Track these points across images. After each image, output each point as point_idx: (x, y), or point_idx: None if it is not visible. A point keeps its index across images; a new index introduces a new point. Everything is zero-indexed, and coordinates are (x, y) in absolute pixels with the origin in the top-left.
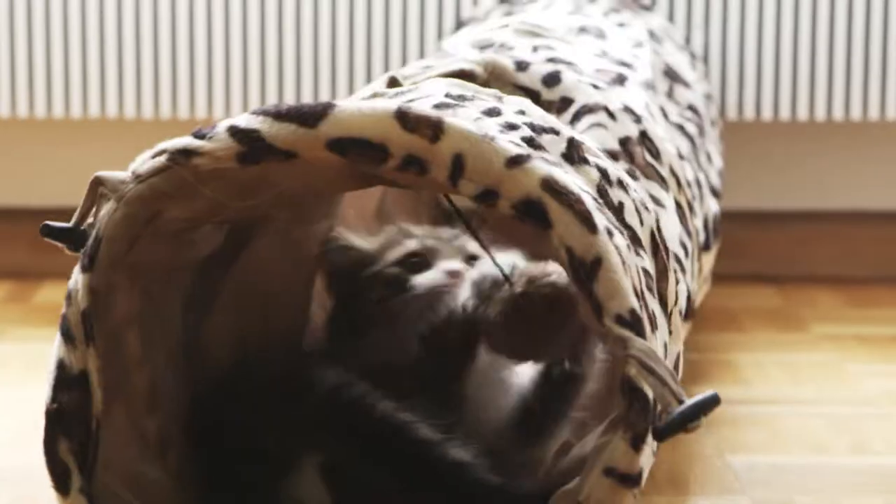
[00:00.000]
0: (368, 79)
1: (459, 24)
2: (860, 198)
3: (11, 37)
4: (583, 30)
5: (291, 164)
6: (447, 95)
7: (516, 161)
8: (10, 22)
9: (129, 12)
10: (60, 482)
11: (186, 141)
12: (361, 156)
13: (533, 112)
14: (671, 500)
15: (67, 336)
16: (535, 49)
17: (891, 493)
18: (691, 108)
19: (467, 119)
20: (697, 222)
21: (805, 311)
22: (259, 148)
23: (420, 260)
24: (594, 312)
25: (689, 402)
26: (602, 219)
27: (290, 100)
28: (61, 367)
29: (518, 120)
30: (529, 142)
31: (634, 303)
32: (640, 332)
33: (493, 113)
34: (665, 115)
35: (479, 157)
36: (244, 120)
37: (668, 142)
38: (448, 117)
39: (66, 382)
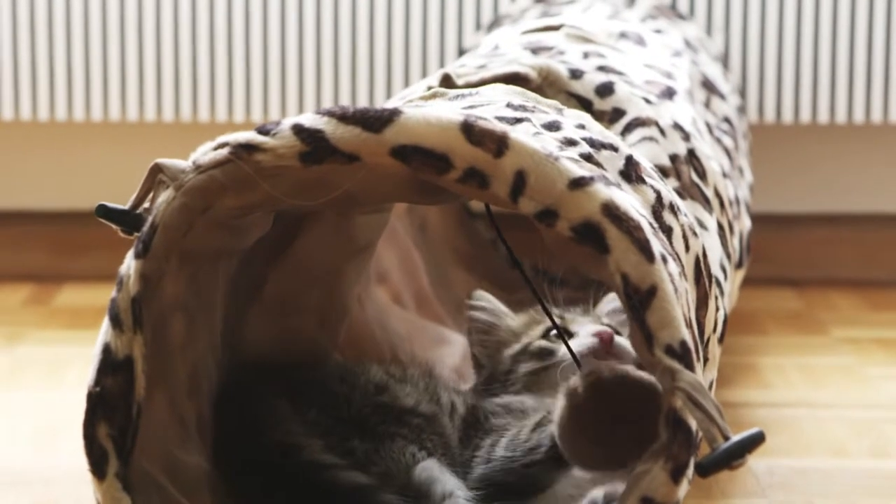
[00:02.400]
0: (407, 73)
1: (495, 21)
2: (880, 201)
3: (32, 42)
4: (623, 35)
5: (353, 168)
6: (508, 105)
7: (579, 183)
8: (32, 26)
9: (150, 17)
10: (97, 466)
11: (250, 136)
12: (424, 164)
13: (592, 127)
14: (691, 503)
15: (115, 321)
16: (585, 55)
17: None
18: (727, 120)
19: (527, 133)
20: (734, 241)
21: (825, 315)
22: (322, 148)
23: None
24: (645, 341)
25: (734, 438)
26: (658, 246)
27: (328, 96)
28: (107, 351)
29: (577, 135)
30: (588, 158)
31: (686, 334)
32: (690, 365)
33: (553, 126)
34: (710, 130)
35: (542, 176)
36: (309, 119)
37: (714, 160)
38: (513, 133)
39: (111, 367)
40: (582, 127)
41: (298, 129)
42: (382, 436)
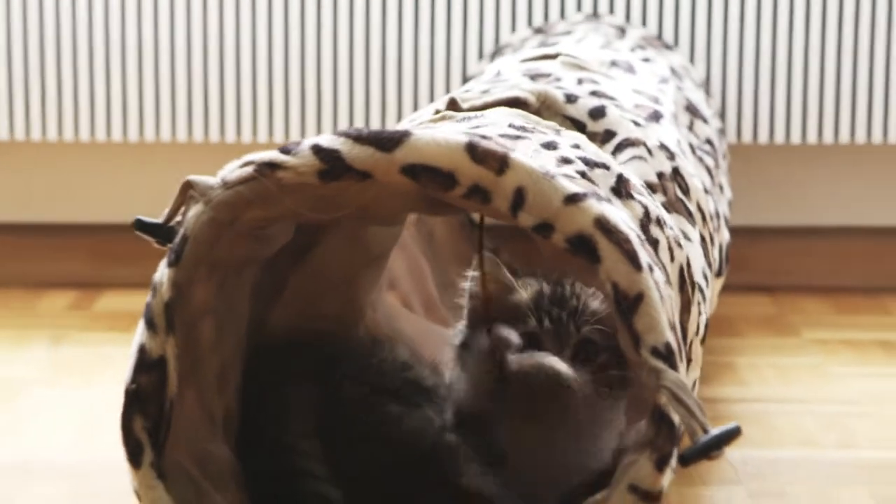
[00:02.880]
0: (415, 97)
1: (497, 50)
2: (847, 215)
3: (74, 67)
4: (614, 63)
5: (366, 185)
6: (510, 125)
7: (573, 199)
8: (74, 53)
9: (181, 50)
10: (134, 456)
11: (273, 155)
12: (431, 182)
13: (587, 147)
14: (676, 491)
15: (150, 324)
16: (580, 81)
17: (874, 483)
18: (708, 141)
19: (527, 151)
20: (715, 252)
21: (796, 318)
22: (339, 167)
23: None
24: (633, 343)
25: (713, 432)
26: (646, 256)
27: (343, 118)
28: (142, 351)
29: (573, 154)
30: (582, 175)
31: (670, 337)
32: (673, 365)
33: (550, 146)
34: (693, 150)
35: (540, 193)
36: (327, 140)
37: (696, 177)
38: (513, 153)
39: (146, 366)
40: (577, 147)
41: (317, 149)
42: (412, 405)
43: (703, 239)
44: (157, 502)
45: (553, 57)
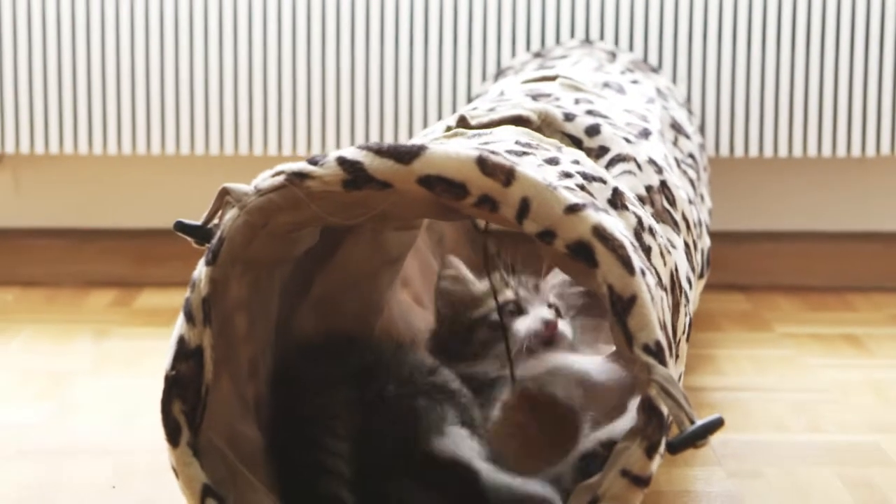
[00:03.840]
0: (425, 113)
1: (499, 72)
2: (815, 220)
3: (118, 82)
4: (606, 85)
5: (386, 193)
6: (517, 143)
7: (573, 209)
8: (118, 68)
9: (214, 71)
10: (172, 436)
11: (302, 165)
12: (445, 191)
13: (585, 163)
14: (663, 472)
15: (189, 316)
16: (577, 101)
17: (840, 464)
18: (691, 156)
19: (531, 166)
20: (697, 256)
21: (770, 314)
22: (361, 177)
23: (513, 308)
24: (626, 341)
25: (699, 422)
26: (639, 261)
27: (360, 133)
28: (181, 341)
29: (573, 169)
30: (581, 188)
31: (660, 335)
32: (663, 361)
33: (553, 161)
34: (678, 164)
35: (543, 203)
36: (351, 153)
37: (682, 189)
38: (519, 166)
39: (185, 355)
40: (577, 162)
41: (342, 161)
42: (441, 405)
43: (686, 246)
44: (193, 477)
45: (552, 79)
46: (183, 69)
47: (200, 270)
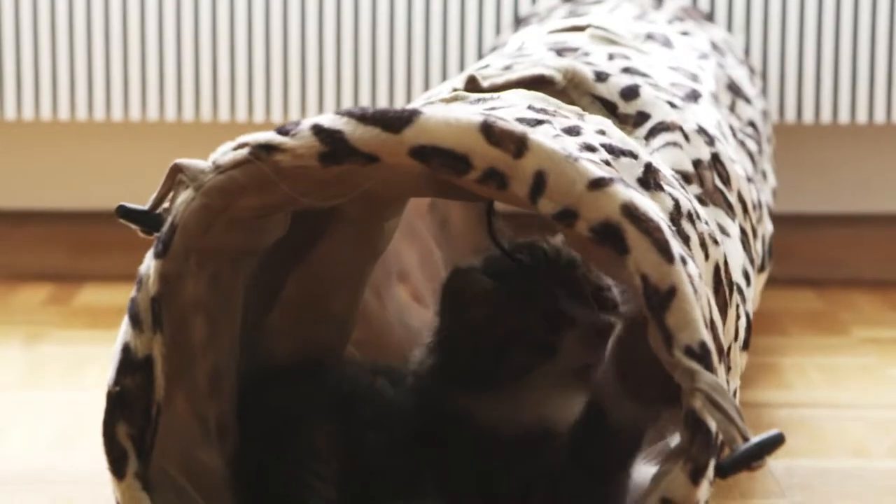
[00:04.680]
0: (427, 73)
1: (520, 20)
2: None
3: (53, 41)
4: (649, 37)
5: (372, 168)
6: (529, 108)
7: (598, 184)
8: (52, 26)
9: (170, 17)
10: (116, 466)
11: (269, 136)
12: (443, 165)
13: (613, 133)
14: None
15: (135, 321)
16: (610, 57)
17: None
18: (751, 124)
19: (547, 136)
20: (757, 245)
21: (846, 315)
22: (341, 149)
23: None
24: (664, 342)
25: (754, 440)
26: (678, 247)
27: (347, 96)
28: (126, 350)
29: (597, 141)
30: (606, 164)
31: (705, 335)
32: (709, 366)
33: (573, 131)
34: (733, 133)
35: (562, 177)
36: (328, 119)
37: (738, 164)
38: (532, 134)
39: (130, 366)
40: (602, 133)
41: (318, 130)
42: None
43: (743, 232)
44: None
45: (582, 29)
46: (132, 17)
47: (148, 265)
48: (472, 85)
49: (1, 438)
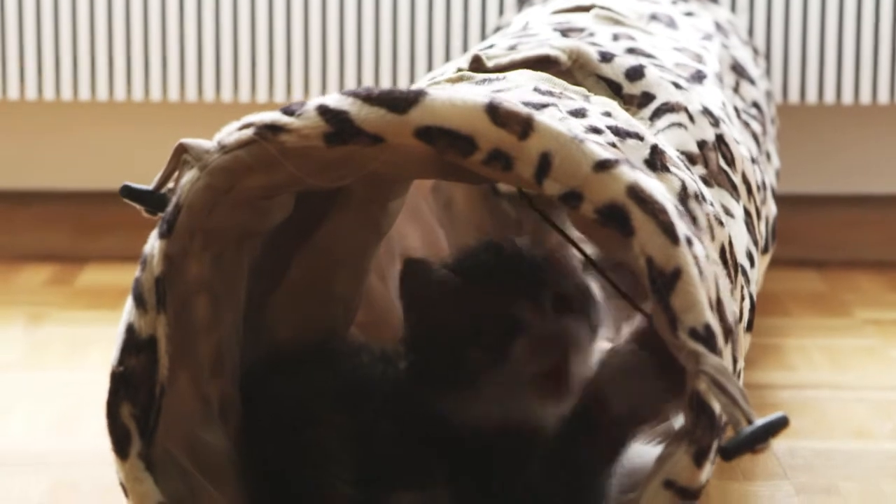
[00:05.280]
0: (430, 53)
1: (522, 1)
2: None
3: (56, 20)
4: (654, 17)
5: (377, 149)
6: (536, 90)
7: (604, 165)
8: (55, 5)
9: None
10: (120, 446)
11: (275, 116)
12: (449, 146)
13: (619, 115)
14: (716, 486)
15: (139, 301)
16: (615, 37)
17: None
18: (755, 105)
19: (553, 118)
20: (761, 226)
21: (849, 296)
22: (347, 130)
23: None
24: (669, 324)
25: (758, 422)
26: (684, 228)
27: (351, 76)
28: (130, 331)
29: (602, 123)
30: (612, 146)
31: (710, 318)
32: (714, 348)
33: (579, 114)
34: (738, 114)
35: (567, 158)
36: (334, 100)
37: (743, 145)
38: (538, 115)
39: (134, 347)
40: (608, 115)
41: (323, 110)
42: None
43: (748, 214)
44: (146, 497)
45: (586, 9)
46: None
47: (153, 245)
48: (477, 65)
49: (2, 419)
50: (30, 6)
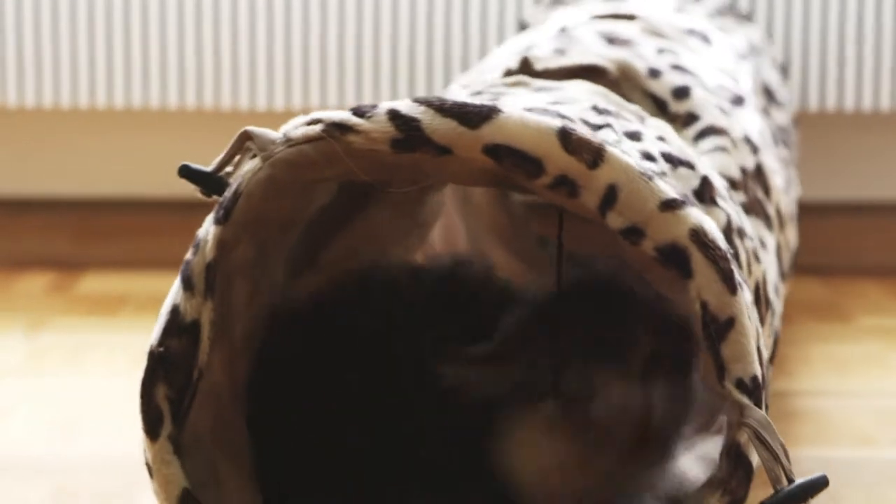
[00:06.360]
0: (465, 49)
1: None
2: None
3: (55, 27)
4: (690, 32)
5: (442, 160)
6: (594, 108)
7: (670, 205)
8: (54, 12)
9: (173, 5)
10: (151, 427)
11: (345, 116)
12: (516, 166)
13: (672, 141)
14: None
15: (187, 283)
16: (660, 51)
17: None
18: (783, 130)
19: (613, 143)
20: (786, 257)
21: (852, 303)
22: (415, 137)
23: None
24: (716, 372)
25: (798, 481)
26: (738, 276)
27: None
28: (175, 312)
29: (656, 149)
30: (663, 175)
31: (758, 370)
32: (759, 401)
33: (634, 137)
34: (773, 141)
35: (634, 193)
36: (406, 106)
37: (778, 174)
38: (609, 146)
39: (178, 329)
40: (662, 139)
41: (394, 115)
42: None
43: (779, 247)
44: (171, 480)
45: (628, 17)
46: (134, 2)
47: (207, 230)
48: (525, 67)
49: (2, 426)
50: (29, 13)
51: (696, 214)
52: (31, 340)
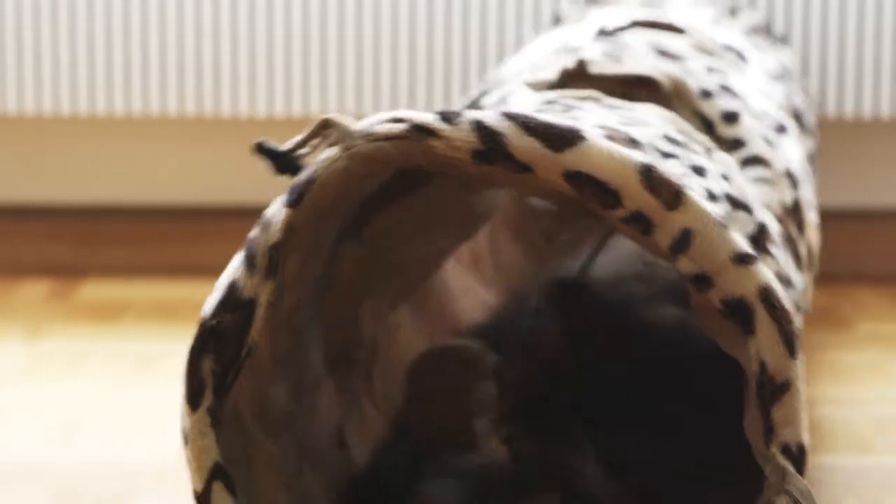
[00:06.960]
0: (500, 42)
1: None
2: None
3: (55, 34)
4: (728, 48)
5: (520, 177)
6: (665, 137)
7: (743, 259)
8: (54, 20)
9: (172, 12)
10: (193, 397)
11: (430, 118)
12: (593, 195)
13: (734, 180)
14: None
15: (250, 261)
16: (709, 70)
17: None
18: (811, 157)
19: (680, 176)
20: (808, 294)
21: (852, 310)
22: (497, 151)
23: None
24: (763, 433)
25: None
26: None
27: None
28: (233, 288)
29: (719, 188)
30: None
31: (806, 439)
32: (801, 469)
33: (699, 172)
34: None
35: (708, 241)
36: (493, 119)
37: (813, 209)
38: (688, 189)
39: (234, 304)
40: (725, 178)
41: (479, 126)
42: None
43: (804, 286)
44: (204, 452)
45: (674, 29)
46: (134, 9)
47: (278, 210)
48: (580, 69)
49: (2, 433)
50: (28, 20)
51: (765, 273)
52: (30, 347)
